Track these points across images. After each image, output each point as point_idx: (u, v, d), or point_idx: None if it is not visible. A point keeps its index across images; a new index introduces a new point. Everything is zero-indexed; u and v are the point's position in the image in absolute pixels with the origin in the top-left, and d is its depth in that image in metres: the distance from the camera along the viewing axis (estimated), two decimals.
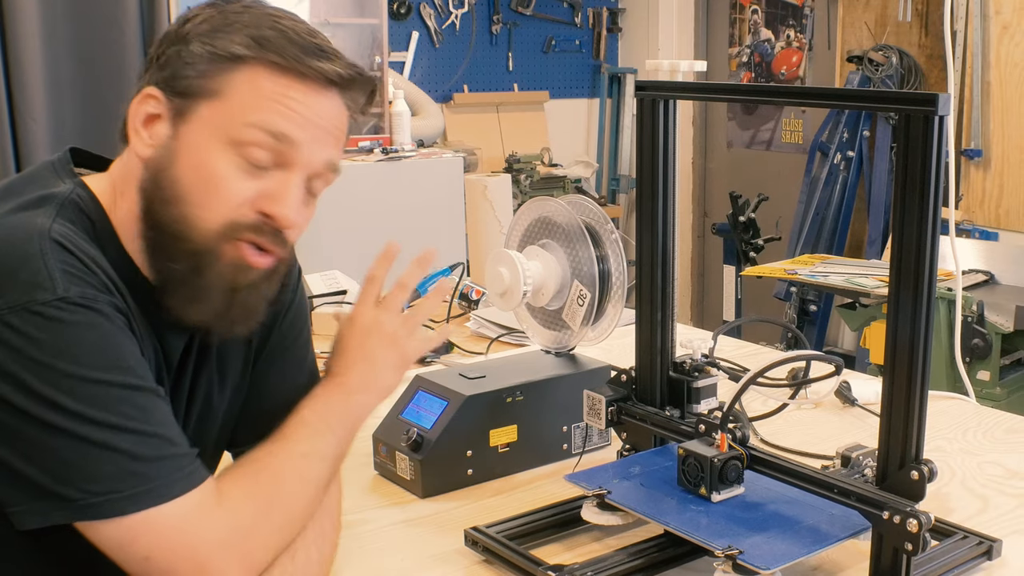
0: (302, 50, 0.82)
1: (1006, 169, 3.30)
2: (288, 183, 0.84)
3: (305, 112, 0.83)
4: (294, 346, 1.01)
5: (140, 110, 0.84)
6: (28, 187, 0.85)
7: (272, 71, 0.82)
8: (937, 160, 0.84)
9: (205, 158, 0.82)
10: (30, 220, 0.80)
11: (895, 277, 0.88)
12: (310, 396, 0.95)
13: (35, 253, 0.77)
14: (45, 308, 0.75)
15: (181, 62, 0.83)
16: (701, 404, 1.12)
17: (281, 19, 0.84)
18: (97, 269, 0.80)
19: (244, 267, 0.85)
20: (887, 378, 0.90)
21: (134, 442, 0.77)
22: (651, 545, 0.99)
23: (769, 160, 4.54)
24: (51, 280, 0.76)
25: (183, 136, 0.83)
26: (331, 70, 0.83)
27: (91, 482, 0.76)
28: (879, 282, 2.53)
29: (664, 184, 1.10)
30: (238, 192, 0.82)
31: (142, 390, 0.79)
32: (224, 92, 0.82)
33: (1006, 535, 1.02)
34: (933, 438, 1.31)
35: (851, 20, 4.06)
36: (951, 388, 1.62)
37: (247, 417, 1.00)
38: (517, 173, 4.21)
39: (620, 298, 1.24)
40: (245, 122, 0.81)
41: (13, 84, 2.67)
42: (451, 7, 4.39)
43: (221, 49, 0.82)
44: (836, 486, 0.94)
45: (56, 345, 0.75)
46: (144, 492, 0.77)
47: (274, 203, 0.83)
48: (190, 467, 0.80)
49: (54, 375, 0.75)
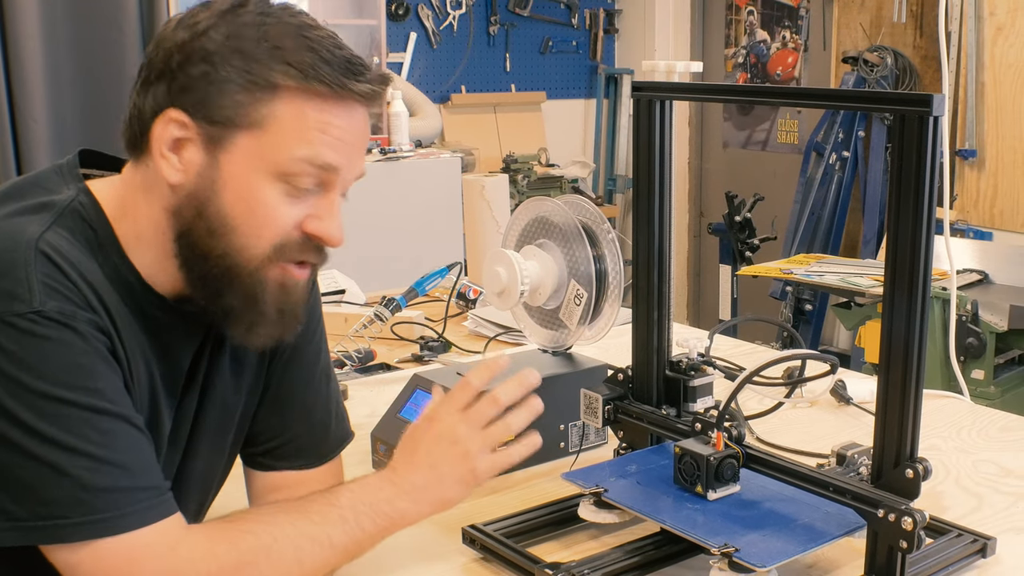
0: (340, 71, 0.81)
1: (1000, 169, 3.32)
2: (332, 203, 0.85)
3: (345, 136, 0.83)
4: (308, 347, 1.00)
5: (166, 134, 0.82)
6: (31, 191, 0.84)
7: (313, 98, 0.81)
8: (932, 160, 0.85)
9: (253, 190, 0.81)
10: (22, 227, 0.78)
11: (890, 276, 0.89)
12: (359, 479, 0.92)
13: (19, 262, 0.76)
14: (19, 320, 0.74)
15: (212, 88, 0.80)
16: (697, 403, 1.13)
17: (308, 32, 0.82)
18: (84, 284, 0.78)
19: (290, 284, 0.86)
20: (882, 377, 0.91)
21: (89, 467, 0.75)
22: (648, 543, 0.99)
23: (765, 160, 4.55)
24: (30, 292, 0.74)
25: (225, 167, 0.81)
26: (368, 90, 0.83)
27: (41, 505, 0.74)
28: (874, 281, 2.54)
29: (660, 184, 1.11)
30: (286, 218, 0.83)
31: (108, 414, 0.77)
32: (266, 124, 0.80)
33: (1000, 533, 1.03)
34: (928, 436, 1.31)
35: (846, 21, 4.07)
36: (946, 387, 1.63)
37: (260, 417, 0.99)
38: (514, 173, 4.21)
39: (617, 297, 1.25)
40: (292, 157, 0.81)
41: (14, 84, 2.67)
42: (449, 8, 4.39)
43: (259, 78, 0.80)
44: (831, 484, 0.94)
45: (24, 358, 0.73)
46: (91, 522, 0.75)
47: (320, 223, 0.84)
48: (148, 502, 0.78)
49: (17, 388, 0.73)
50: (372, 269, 2.42)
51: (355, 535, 0.87)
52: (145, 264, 0.85)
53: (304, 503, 0.88)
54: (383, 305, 1.75)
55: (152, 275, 0.85)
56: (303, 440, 1.01)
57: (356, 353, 1.65)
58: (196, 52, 0.80)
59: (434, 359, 1.67)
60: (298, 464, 1.00)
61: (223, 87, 0.80)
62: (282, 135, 0.81)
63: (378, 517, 0.89)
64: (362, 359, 1.65)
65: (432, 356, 1.68)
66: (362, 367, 1.64)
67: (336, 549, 0.86)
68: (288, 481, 1.00)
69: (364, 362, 1.65)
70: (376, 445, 1.23)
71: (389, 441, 1.20)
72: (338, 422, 1.04)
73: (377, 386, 1.55)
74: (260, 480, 1.01)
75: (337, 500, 0.88)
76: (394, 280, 2.05)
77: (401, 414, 1.22)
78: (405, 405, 1.24)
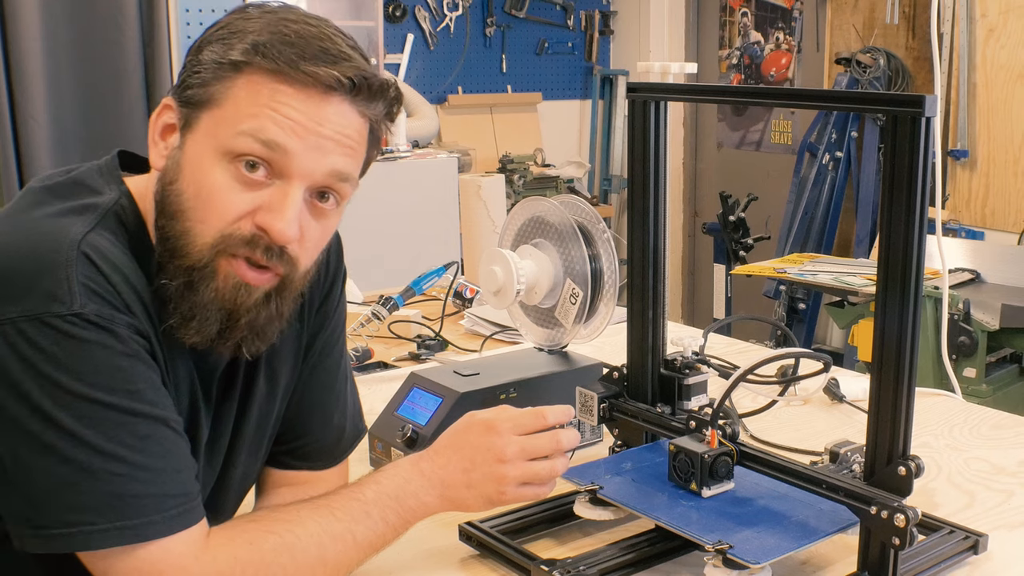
0: (300, 54, 0.78)
1: (992, 170, 3.34)
2: (285, 195, 0.79)
3: (300, 119, 0.78)
4: (333, 350, 1.00)
5: (159, 121, 0.83)
6: (76, 191, 0.83)
7: (268, 77, 0.78)
8: (924, 161, 0.85)
9: (204, 171, 0.79)
10: (66, 228, 0.77)
11: (883, 276, 0.89)
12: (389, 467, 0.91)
13: (61, 263, 0.75)
14: (59, 321, 0.73)
15: (191, 71, 0.81)
16: (692, 401, 1.13)
17: (291, 23, 0.80)
18: (125, 287, 0.77)
19: (241, 285, 0.81)
20: (875, 375, 0.91)
21: (122, 472, 0.74)
22: (642, 540, 1.00)
23: (759, 160, 4.56)
24: (70, 294, 0.74)
25: (187, 147, 0.81)
26: (328, 74, 0.78)
27: (68, 512, 0.74)
28: (867, 280, 2.55)
29: (655, 184, 1.11)
30: (234, 205, 0.78)
31: (146, 417, 0.76)
32: (223, 101, 0.79)
33: (992, 530, 1.03)
34: (920, 434, 1.33)
35: (839, 23, 4.09)
36: (938, 385, 1.64)
37: (285, 418, 0.99)
38: (511, 173, 4.22)
39: (612, 296, 1.25)
40: (237, 131, 0.78)
41: (14, 85, 2.67)
42: (445, 10, 4.40)
43: (222, 56, 0.79)
44: (825, 482, 0.95)
45: (63, 360, 0.73)
46: (118, 529, 0.74)
47: (270, 216, 0.79)
48: (177, 509, 0.77)
49: (55, 389, 0.73)
50: (369, 268, 2.43)
51: (379, 529, 0.87)
52: None
53: (328, 499, 0.87)
54: (380, 304, 1.75)
55: None
56: (323, 442, 1.01)
57: (354, 351, 1.65)
58: (197, 45, 0.83)
59: (431, 357, 1.68)
60: (315, 464, 1.01)
61: (198, 70, 0.81)
62: (234, 111, 0.79)
63: (403, 510, 0.88)
64: (359, 357, 1.66)
65: (429, 354, 1.69)
66: (359, 365, 1.65)
67: (360, 545, 0.86)
68: (300, 479, 1.00)
69: (361, 360, 1.66)
70: (373, 443, 1.24)
71: (386, 439, 1.21)
72: (352, 423, 1.05)
73: (374, 384, 1.55)
74: (273, 475, 1.01)
75: (362, 494, 0.88)
76: (391, 279, 2.06)
77: (398, 412, 1.23)
78: (402, 403, 1.24)
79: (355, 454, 1.23)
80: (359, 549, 0.86)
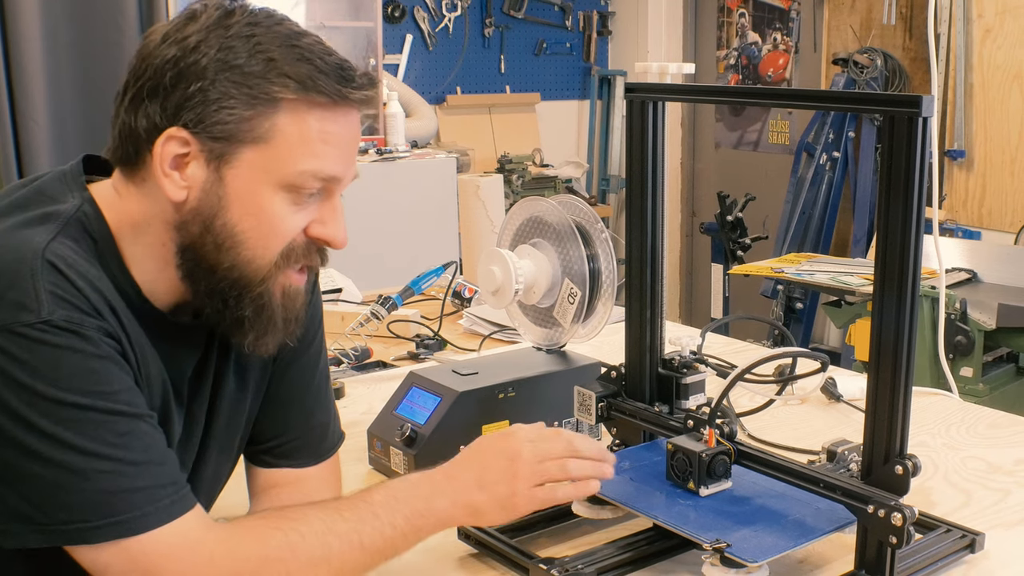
0: (336, 79, 0.82)
1: (988, 170, 3.34)
2: (335, 208, 0.87)
3: (343, 144, 0.85)
4: (310, 348, 1.01)
5: (166, 152, 0.81)
6: (36, 201, 0.84)
7: (314, 108, 0.82)
8: (921, 161, 0.86)
9: (261, 203, 0.83)
10: (27, 238, 0.79)
11: (880, 275, 0.90)
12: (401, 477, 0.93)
13: (26, 273, 0.76)
14: (28, 330, 0.74)
15: (211, 104, 0.80)
16: (689, 400, 1.14)
17: (297, 40, 0.82)
18: (91, 291, 0.79)
19: (292, 291, 0.87)
20: (872, 374, 0.92)
21: (108, 470, 0.76)
22: (641, 538, 1.01)
23: (756, 161, 4.57)
24: (37, 302, 0.75)
25: (231, 182, 0.82)
26: (362, 96, 0.84)
27: (62, 510, 0.75)
28: (864, 280, 2.56)
29: (653, 184, 1.12)
30: (294, 226, 0.85)
31: (124, 415, 0.78)
32: (270, 137, 0.81)
33: (988, 528, 1.04)
34: (917, 433, 1.33)
35: (836, 23, 4.10)
36: (935, 384, 1.64)
37: (263, 417, 1.00)
38: (509, 173, 4.22)
39: (610, 296, 1.26)
40: (299, 170, 0.82)
41: (15, 86, 2.67)
42: (444, 10, 4.40)
43: (259, 92, 0.80)
44: (822, 480, 0.95)
45: (37, 367, 0.74)
46: (113, 524, 0.76)
47: (325, 228, 0.86)
48: (169, 499, 0.79)
49: (32, 396, 0.74)
50: (369, 268, 2.43)
51: (386, 532, 0.86)
52: (144, 275, 0.85)
53: (337, 501, 0.89)
54: (379, 303, 1.75)
55: (151, 287, 0.85)
56: (304, 439, 1.02)
57: (353, 351, 1.66)
58: (189, 69, 0.80)
59: (430, 357, 1.68)
60: (298, 462, 1.01)
61: (222, 103, 0.80)
62: (287, 147, 0.82)
63: (412, 515, 0.88)
64: (358, 357, 1.66)
65: (428, 354, 1.69)
66: (358, 365, 1.65)
67: (365, 547, 0.85)
68: (288, 478, 1.01)
69: (360, 360, 1.66)
70: (372, 442, 1.24)
71: (385, 438, 1.21)
72: (335, 421, 1.05)
73: (373, 384, 1.56)
74: (261, 476, 1.02)
75: (371, 497, 0.88)
76: (390, 279, 2.06)
77: (397, 411, 1.23)
78: (401, 402, 1.24)
79: (355, 453, 1.24)
80: (364, 551, 0.86)
